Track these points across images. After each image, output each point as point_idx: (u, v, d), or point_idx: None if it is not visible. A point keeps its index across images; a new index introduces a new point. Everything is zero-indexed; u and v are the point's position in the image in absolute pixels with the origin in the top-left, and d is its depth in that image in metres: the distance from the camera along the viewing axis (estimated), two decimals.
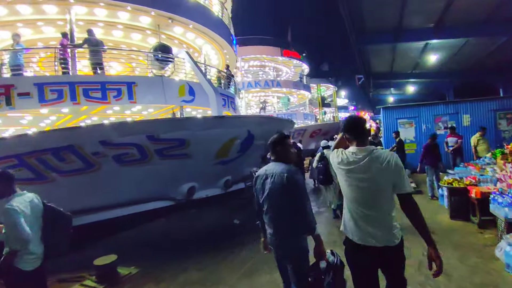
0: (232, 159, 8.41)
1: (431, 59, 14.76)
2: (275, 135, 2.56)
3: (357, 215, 2.09)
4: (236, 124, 7.24)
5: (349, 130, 2.16)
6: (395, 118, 11.34)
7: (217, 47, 12.81)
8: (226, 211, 8.20)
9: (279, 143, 2.49)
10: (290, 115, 24.92)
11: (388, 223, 2.07)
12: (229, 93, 11.82)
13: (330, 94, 48.72)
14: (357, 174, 2.05)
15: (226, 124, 7.00)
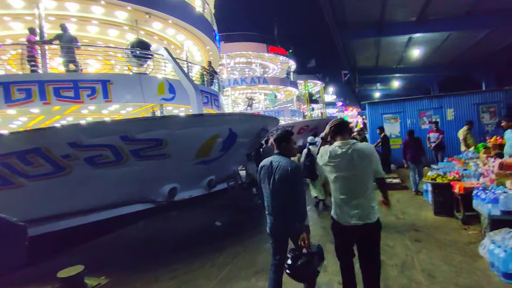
0: (215, 158, 8.15)
1: (415, 53, 14.76)
2: (280, 131, 2.91)
3: (344, 202, 2.51)
4: (216, 122, 6.97)
5: (336, 129, 2.60)
6: (380, 113, 11.28)
7: (199, 43, 12.46)
8: (209, 212, 7.95)
9: (285, 138, 2.84)
10: (277, 112, 24.78)
11: (369, 205, 2.48)
12: (212, 90, 11.51)
13: (317, 91, 48.80)
14: (344, 165, 2.47)
15: (205, 122, 6.73)
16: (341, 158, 2.47)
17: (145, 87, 8.50)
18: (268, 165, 2.81)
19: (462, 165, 6.10)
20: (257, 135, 9.40)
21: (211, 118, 6.83)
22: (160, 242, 6.10)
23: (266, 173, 2.80)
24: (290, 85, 26.88)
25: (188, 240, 5.89)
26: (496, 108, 10.09)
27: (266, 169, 2.81)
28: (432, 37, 13.16)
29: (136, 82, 8.38)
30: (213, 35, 12.87)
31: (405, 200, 6.53)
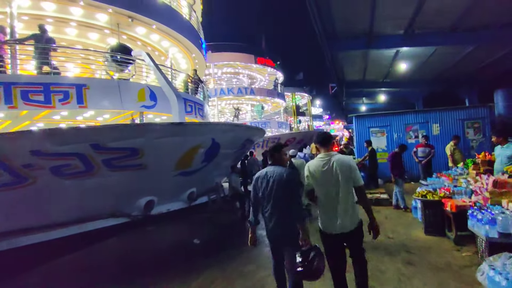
0: (196, 169, 7.71)
1: (402, 67, 14.86)
2: (273, 145, 3.27)
3: (329, 210, 2.75)
4: (198, 131, 6.58)
5: (321, 141, 2.88)
6: (367, 127, 11.18)
7: (185, 51, 12.15)
8: (188, 228, 7.44)
9: (277, 150, 3.15)
10: (264, 123, 24.56)
11: (352, 212, 2.74)
12: (196, 99, 11.13)
13: (305, 103, 49.29)
14: (327, 175, 2.72)
15: (186, 131, 6.32)
16: (325, 170, 2.74)
17: (124, 93, 8.06)
18: (263, 175, 3.01)
19: (451, 181, 5.91)
20: (242, 146, 9.04)
21: (192, 127, 6.43)
22: (131, 262, 5.55)
23: (263, 182, 2.98)
24: (278, 97, 26.84)
25: (162, 259, 5.38)
26: (481, 124, 10.16)
27: (263, 178, 2.99)
28: (418, 52, 13.32)
29: (114, 88, 7.92)
30: (200, 43, 12.60)
31: (394, 217, 6.26)
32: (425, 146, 8.85)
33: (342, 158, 2.77)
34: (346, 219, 2.70)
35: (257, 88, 25.21)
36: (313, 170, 2.81)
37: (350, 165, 2.72)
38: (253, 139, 9.38)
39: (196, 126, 6.57)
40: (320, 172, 2.76)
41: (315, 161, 2.84)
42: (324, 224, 2.82)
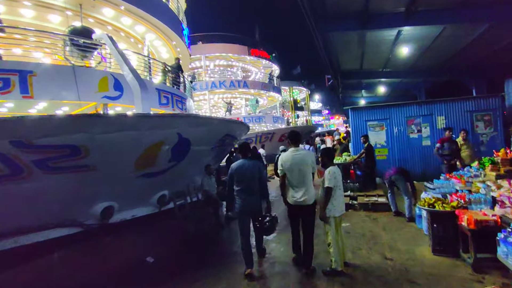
0: (163, 170, 6.62)
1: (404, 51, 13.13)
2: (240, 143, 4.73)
3: (296, 188, 3.80)
4: (157, 125, 5.46)
5: (292, 138, 3.99)
6: (364, 120, 10.05)
7: (163, 38, 10.99)
8: (152, 238, 6.36)
9: (246, 147, 4.43)
10: (258, 117, 23.44)
11: (311, 191, 3.82)
12: (175, 91, 10.01)
13: (303, 98, 48.03)
14: (296, 162, 3.79)
15: (142, 125, 5.22)
16: (294, 160, 3.80)
17: (81, 82, 6.94)
18: (241, 165, 4.07)
19: (464, 184, 4.81)
20: (221, 142, 7.94)
21: (148, 120, 5.32)
22: (70, 286, 4.48)
23: (242, 170, 4.01)
24: (273, 91, 25.66)
25: (108, 283, 4.31)
26: (492, 116, 9.02)
27: (241, 167, 4.04)
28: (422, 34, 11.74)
29: (68, 75, 6.80)
30: (180, 29, 11.43)
31: (394, 228, 5.15)
32: (450, 141, 7.07)
33: (306, 152, 4.08)
34: (307, 195, 3.75)
35: (251, 81, 24.01)
36: (286, 159, 3.84)
37: (311, 157, 3.96)
38: (234, 135, 8.28)
39: (154, 119, 5.44)
40: (291, 161, 3.80)
41: (288, 153, 3.90)
42: (289, 197, 3.86)
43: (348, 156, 8.24)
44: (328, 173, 3.79)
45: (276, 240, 5.23)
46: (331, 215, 3.77)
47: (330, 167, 3.87)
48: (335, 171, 3.83)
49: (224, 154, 9.70)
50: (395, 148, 9.77)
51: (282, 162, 3.85)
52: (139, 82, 6.63)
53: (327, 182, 3.75)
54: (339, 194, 3.85)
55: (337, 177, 3.81)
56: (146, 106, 6.64)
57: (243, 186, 3.95)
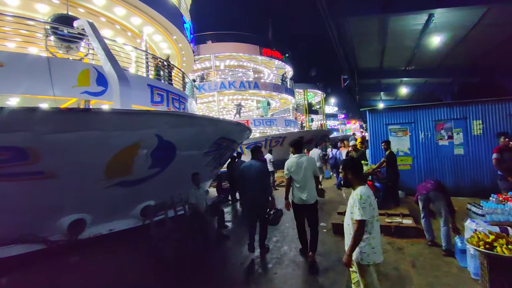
0: (143, 178, 5.63)
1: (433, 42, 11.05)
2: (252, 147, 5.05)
3: (300, 189, 4.23)
4: (126, 124, 4.46)
5: (295, 146, 4.46)
6: (384, 124, 8.75)
7: (162, 31, 10.11)
8: (128, 258, 5.34)
9: (256, 150, 4.95)
10: (269, 120, 22.32)
11: (313, 192, 4.27)
12: (172, 88, 9.07)
13: (318, 101, 46.52)
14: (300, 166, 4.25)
15: (103, 124, 4.22)
16: (298, 165, 4.29)
17: (57, 75, 6.08)
18: (248, 165, 4.74)
19: None
20: (217, 146, 6.90)
21: (118, 117, 4.31)
22: None
23: (248, 170, 4.67)
24: (286, 93, 24.49)
25: None
26: None
27: (249, 167, 4.71)
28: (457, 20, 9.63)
29: (42, 67, 5.95)
30: (181, 22, 10.52)
31: (427, 266, 3.88)
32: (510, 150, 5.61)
33: (308, 157, 4.48)
34: (309, 196, 4.22)
35: (262, 82, 22.92)
36: (291, 164, 4.36)
37: (314, 162, 4.44)
38: (232, 138, 7.21)
39: (122, 115, 4.42)
40: (295, 166, 4.31)
41: (293, 159, 4.39)
42: (295, 197, 4.33)
43: (366, 165, 6.98)
44: (359, 198, 2.50)
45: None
46: (369, 261, 2.51)
47: (360, 188, 2.58)
48: (369, 194, 2.54)
49: (224, 159, 8.66)
50: (421, 156, 8.41)
51: (287, 166, 4.38)
52: (117, 74, 5.70)
53: (358, 212, 2.47)
54: (377, 228, 2.60)
55: (373, 203, 2.55)
56: (126, 101, 5.69)
57: (248, 184, 4.59)
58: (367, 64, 13.93)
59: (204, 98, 22.30)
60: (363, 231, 2.48)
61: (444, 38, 10.40)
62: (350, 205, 2.61)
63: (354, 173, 2.68)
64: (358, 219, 2.46)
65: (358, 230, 2.47)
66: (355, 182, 2.66)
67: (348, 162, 2.81)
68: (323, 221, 6.29)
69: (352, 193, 2.65)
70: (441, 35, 10.33)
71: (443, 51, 11.60)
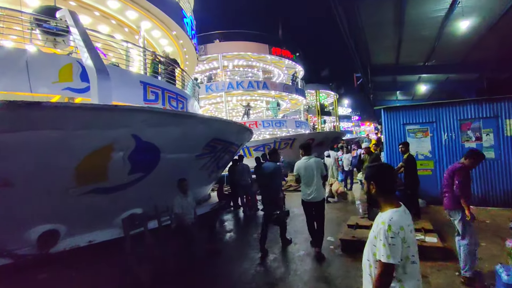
0: (122, 184, 4.98)
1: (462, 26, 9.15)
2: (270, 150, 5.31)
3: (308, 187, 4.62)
4: (92, 121, 3.79)
5: (304, 148, 4.82)
6: (401, 124, 7.82)
7: (160, 26, 9.53)
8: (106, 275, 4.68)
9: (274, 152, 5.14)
10: (279, 122, 21.51)
11: (321, 190, 4.66)
12: (168, 86, 8.44)
13: (331, 102, 45.31)
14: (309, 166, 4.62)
15: (63, 121, 3.57)
16: (307, 165, 4.64)
17: (35, 70, 5.52)
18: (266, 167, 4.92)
19: None
20: (211, 149, 6.19)
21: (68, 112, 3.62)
22: None
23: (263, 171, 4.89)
24: (296, 93, 23.62)
25: None
26: None
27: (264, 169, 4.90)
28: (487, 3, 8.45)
29: (19, 61, 5.41)
30: (180, 17, 9.91)
31: None
32: None
33: (316, 159, 4.77)
34: (317, 193, 4.59)
35: (271, 82, 22.15)
36: (300, 166, 4.72)
37: (321, 163, 4.77)
38: (229, 140, 6.49)
39: (86, 110, 3.73)
40: (304, 166, 4.65)
41: (301, 161, 4.74)
42: (304, 195, 4.70)
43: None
44: (386, 229, 1.62)
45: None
46: None
47: (390, 213, 1.69)
48: (403, 224, 1.64)
49: (223, 163, 7.95)
50: (444, 160, 7.44)
51: (297, 168, 4.76)
52: (96, 65, 5.08)
53: (384, 251, 1.60)
54: (415, 273, 1.68)
55: (408, 238, 1.64)
56: (106, 97, 5.05)
57: (265, 184, 4.89)
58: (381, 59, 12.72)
59: (212, 99, 21.75)
60: (390, 278, 1.63)
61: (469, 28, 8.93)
62: (373, 235, 1.74)
63: (381, 188, 1.77)
64: (383, 261, 1.60)
65: (382, 276, 1.63)
66: (382, 201, 1.77)
67: (373, 170, 1.85)
68: (330, 234, 5.48)
69: (377, 218, 1.76)
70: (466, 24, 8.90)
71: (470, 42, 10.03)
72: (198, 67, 22.33)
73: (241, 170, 8.71)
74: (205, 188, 9.06)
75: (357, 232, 4.95)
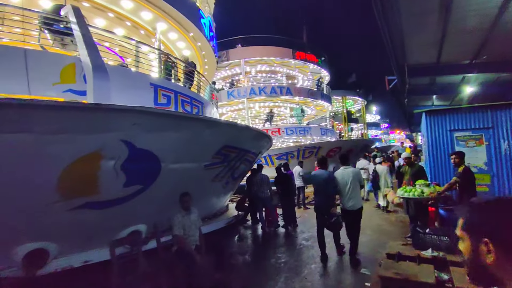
0: (119, 198, 4.30)
1: None
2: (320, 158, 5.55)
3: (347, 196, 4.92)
4: (69, 124, 3.12)
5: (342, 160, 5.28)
6: (447, 130, 6.62)
7: (177, 27, 9.02)
8: None
9: (323, 161, 5.40)
10: (303, 129, 20.46)
11: (359, 198, 5.00)
12: (182, 89, 7.85)
13: (358, 109, 43.49)
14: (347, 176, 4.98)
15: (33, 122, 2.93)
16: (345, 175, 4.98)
17: (36, 70, 5.08)
18: (316, 174, 5.28)
19: None
20: (223, 157, 5.42)
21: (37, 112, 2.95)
22: None
23: (317, 178, 5.20)
24: (322, 99, 22.51)
25: None
26: None
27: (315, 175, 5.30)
28: None
29: (18, 59, 4.99)
30: (197, 17, 9.38)
31: None
32: None
33: (354, 169, 5.25)
34: (356, 202, 4.91)
35: (295, 88, 21.24)
36: (339, 174, 5.06)
37: (358, 173, 5.14)
38: (244, 147, 5.67)
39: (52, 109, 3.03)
40: (341, 176, 5.01)
41: (340, 171, 5.11)
42: (343, 204, 4.99)
43: (427, 186, 4.96)
44: None
45: None
46: None
47: None
48: None
49: (239, 173, 7.16)
50: (503, 174, 6.15)
51: (336, 176, 5.11)
52: (93, 62, 4.51)
53: None
54: None
55: None
56: (103, 98, 4.46)
57: (317, 190, 5.25)
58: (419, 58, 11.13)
59: (234, 105, 21.20)
60: None
61: None
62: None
63: None
64: None
65: None
66: None
67: None
68: (367, 263, 4.46)
69: None
70: None
71: None
72: (220, 74, 21.96)
73: (260, 181, 7.86)
74: (221, 200, 8.30)
75: (401, 266, 3.89)
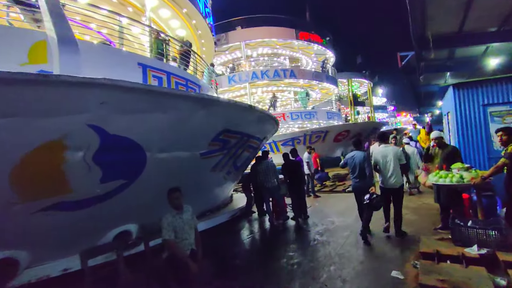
0: (96, 197, 3.57)
1: None
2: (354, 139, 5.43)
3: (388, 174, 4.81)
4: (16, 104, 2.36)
5: (381, 138, 5.27)
6: (480, 105, 5.73)
7: (169, 2, 8.16)
8: None
9: (359, 143, 5.31)
10: (308, 113, 19.57)
11: (399, 176, 4.85)
12: (175, 69, 7.03)
13: (364, 92, 42.12)
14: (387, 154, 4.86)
15: None
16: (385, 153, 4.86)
17: None
18: (353, 155, 5.08)
19: None
20: (222, 144, 4.65)
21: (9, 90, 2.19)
22: None
23: (353, 159, 5.05)
24: (327, 81, 21.49)
25: None
26: None
27: (351, 157, 5.09)
28: None
29: None
30: None
31: None
32: None
33: (394, 148, 5.14)
34: (396, 180, 4.77)
35: (299, 70, 20.19)
36: (379, 153, 4.95)
37: (398, 151, 4.93)
38: (246, 131, 4.89)
39: None
40: (381, 154, 4.89)
41: (380, 148, 5.00)
42: (383, 182, 4.91)
43: (465, 170, 4.14)
44: None
45: None
46: None
47: None
48: None
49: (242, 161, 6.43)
50: None
51: (375, 155, 5.04)
52: (58, 34, 3.71)
53: None
54: None
55: None
56: (71, 73, 3.68)
57: (353, 172, 5.09)
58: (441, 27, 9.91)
59: (236, 91, 20.30)
60: None
61: None
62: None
63: None
64: None
65: None
66: None
67: None
68: (397, 264, 3.73)
69: None
70: None
71: None
72: (220, 58, 20.94)
73: (266, 170, 7.09)
74: (224, 192, 7.60)
75: (444, 269, 3.14)
